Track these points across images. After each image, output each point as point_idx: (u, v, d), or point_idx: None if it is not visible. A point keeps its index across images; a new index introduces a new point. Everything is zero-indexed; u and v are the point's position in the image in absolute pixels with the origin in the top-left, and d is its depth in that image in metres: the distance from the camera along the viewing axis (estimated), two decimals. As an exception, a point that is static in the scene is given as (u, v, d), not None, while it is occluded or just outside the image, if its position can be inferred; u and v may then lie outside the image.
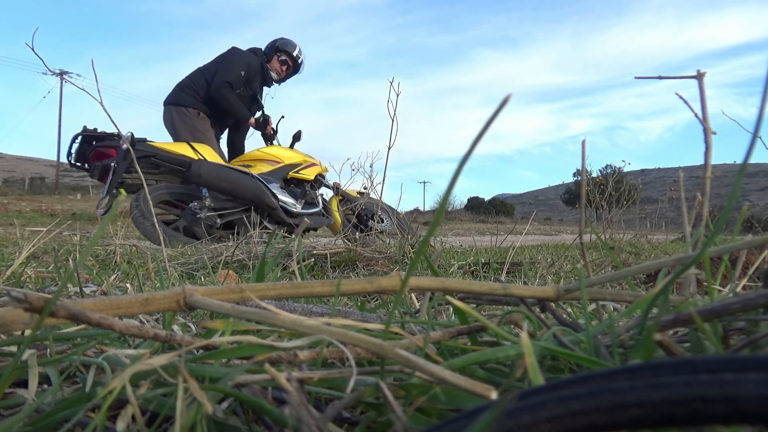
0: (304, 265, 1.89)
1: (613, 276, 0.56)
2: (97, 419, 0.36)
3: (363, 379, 0.42)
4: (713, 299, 0.53)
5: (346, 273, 2.26)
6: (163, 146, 4.26)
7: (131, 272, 1.84)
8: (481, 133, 0.32)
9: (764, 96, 0.37)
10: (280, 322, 0.42)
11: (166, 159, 4.24)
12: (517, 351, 0.44)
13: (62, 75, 29.39)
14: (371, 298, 1.39)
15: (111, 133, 4.29)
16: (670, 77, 0.83)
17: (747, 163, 0.40)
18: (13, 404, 0.46)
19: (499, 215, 37.09)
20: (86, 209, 13.28)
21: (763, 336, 0.44)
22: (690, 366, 0.27)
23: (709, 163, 0.75)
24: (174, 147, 4.29)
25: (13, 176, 53.75)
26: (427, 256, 0.58)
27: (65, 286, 0.96)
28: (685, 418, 0.25)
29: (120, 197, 0.42)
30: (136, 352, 0.53)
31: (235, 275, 1.62)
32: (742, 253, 0.80)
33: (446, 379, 0.34)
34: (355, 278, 0.52)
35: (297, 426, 0.34)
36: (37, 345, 0.57)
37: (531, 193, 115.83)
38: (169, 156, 4.24)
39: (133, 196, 4.11)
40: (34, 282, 1.39)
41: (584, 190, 0.85)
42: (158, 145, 4.25)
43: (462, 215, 30.04)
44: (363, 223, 5.15)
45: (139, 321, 0.71)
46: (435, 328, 0.56)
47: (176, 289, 0.46)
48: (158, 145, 4.24)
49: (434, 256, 0.88)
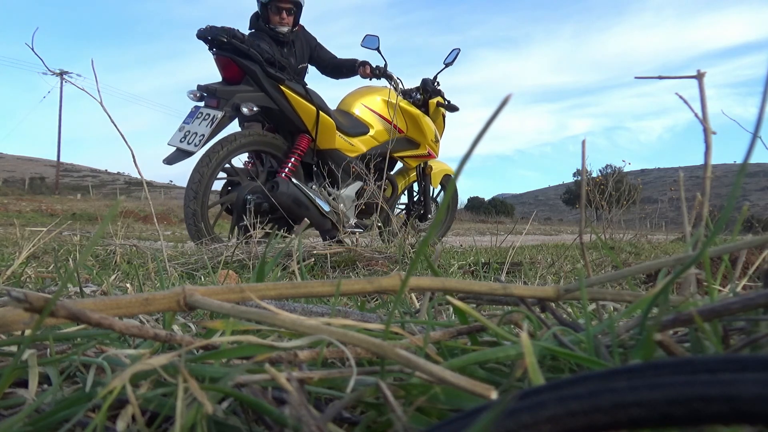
0: (304, 265, 1.89)
1: (613, 276, 0.56)
2: (97, 419, 0.36)
3: (363, 379, 0.42)
4: (713, 299, 0.53)
5: (346, 273, 2.26)
6: (293, 101, 3.58)
7: (131, 272, 1.84)
8: (482, 133, 0.32)
9: (764, 96, 0.37)
10: (280, 322, 0.42)
11: (284, 116, 3.63)
12: (517, 351, 0.44)
13: (62, 75, 29.43)
14: (371, 298, 1.39)
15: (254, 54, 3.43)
16: (670, 77, 0.83)
17: (747, 163, 0.40)
18: (13, 404, 0.46)
19: (499, 215, 37.10)
20: (86, 209, 13.29)
21: (763, 336, 0.44)
22: (690, 366, 0.27)
23: (709, 163, 0.75)
24: (301, 109, 3.62)
25: (13, 176, 53.78)
26: (427, 256, 0.58)
27: (65, 286, 0.96)
28: (685, 418, 0.25)
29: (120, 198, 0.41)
30: (136, 352, 0.53)
31: (235, 275, 1.62)
32: (742, 253, 0.80)
33: (446, 379, 0.34)
34: (355, 278, 0.52)
35: (297, 426, 0.34)
36: (37, 345, 0.57)
37: (531, 193, 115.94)
38: (287, 117, 3.62)
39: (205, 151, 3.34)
40: (34, 282, 1.39)
41: (584, 190, 0.85)
42: (291, 97, 3.57)
43: (462, 215, 30.07)
44: (419, 212, 4.66)
45: (139, 321, 0.71)
46: (435, 328, 0.56)
47: (176, 289, 0.46)
48: (290, 98, 3.57)
49: (434, 256, 0.88)
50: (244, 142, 3.47)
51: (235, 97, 3.37)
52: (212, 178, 3.38)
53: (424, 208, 4.70)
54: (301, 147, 3.72)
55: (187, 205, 3.34)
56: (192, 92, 3.50)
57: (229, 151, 3.40)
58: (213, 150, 3.35)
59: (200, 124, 3.34)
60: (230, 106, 3.35)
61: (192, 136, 3.32)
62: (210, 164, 3.33)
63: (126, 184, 59.50)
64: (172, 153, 3.35)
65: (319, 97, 3.79)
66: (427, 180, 4.67)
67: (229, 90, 3.40)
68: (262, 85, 3.47)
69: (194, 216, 3.32)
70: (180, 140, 3.34)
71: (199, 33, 3.46)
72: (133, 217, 8.85)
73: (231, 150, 3.40)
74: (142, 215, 10.39)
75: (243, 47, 3.41)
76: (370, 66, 4.38)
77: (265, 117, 3.75)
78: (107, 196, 36.73)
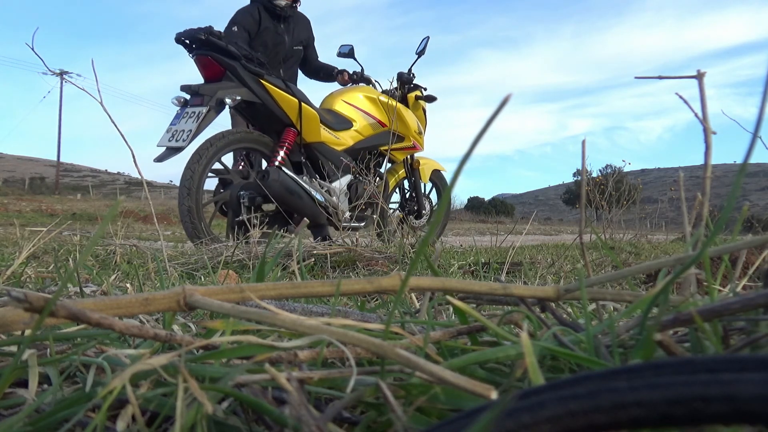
0: (304, 265, 1.89)
1: (613, 276, 0.56)
2: (97, 419, 0.36)
3: (363, 379, 0.42)
4: (713, 299, 0.53)
5: (346, 273, 2.26)
6: (275, 94, 3.61)
7: (131, 272, 1.84)
8: (482, 133, 0.32)
9: (764, 96, 0.37)
10: (280, 322, 0.42)
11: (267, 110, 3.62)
12: (517, 351, 0.44)
13: (62, 75, 29.43)
14: (371, 298, 1.39)
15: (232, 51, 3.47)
16: (670, 77, 0.83)
17: (747, 163, 0.40)
18: (13, 404, 0.46)
19: (499, 215, 37.09)
20: (86, 209, 13.29)
21: (763, 336, 0.44)
22: (690, 366, 0.27)
23: (709, 163, 0.75)
24: (284, 101, 3.65)
25: (13, 176, 53.80)
26: (427, 256, 0.58)
27: (65, 286, 0.96)
28: (685, 418, 0.25)
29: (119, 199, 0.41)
30: (136, 352, 0.53)
31: (235, 275, 1.62)
32: (742, 253, 0.80)
33: (446, 379, 0.34)
34: (355, 278, 0.52)
35: (297, 426, 0.34)
36: (37, 345, 0.57)
37: (531, 193, 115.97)
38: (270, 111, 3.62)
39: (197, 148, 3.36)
40: (34, 282, 1.39)
41: (584, 190, 0.85)
42: (272, 90, 3.59)
43: (462, 215, 30.06)
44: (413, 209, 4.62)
45: (139, 321, 0.71)
46: (435, 328, 0.56)
47: (176, 289, 0.46)
48: (271, 91, 3.59)
49: (434, 256, 0.88)
50: (232, 139, 3.49)
51: (218, 93, 3.39)
52: (204, 174, 3.39)
53: (417, 205, 4.69)
54: (288, 140, 3.73)
55: (182, 203, 3.34)
56: (177, 98, 3.55)
57: (219, 148, 3.41)
58: (202, 148, 3.37)
59: (186, 121, 3.37)
60: (214, 101, 3.37)
61: (179, 133, 3.35)
62: (201, 161, 3.35)
63: (126, 184, 59.51)
64: (163, 152, 3.38)
65: (299, 90, 3.81)
66: (416, 176, 4.68)
67: (211, 87, 3.43)
68: (243, 80, 3.50)
69: (189, 213, 3.33)
70: (168, 140, 3.37)
71: (177, 37, 3.49)
72: (133, 217, 8.85)
73: (220, 147, 3.42)
74: (142, 215, 10.39)
75: (221, 44, 3.44)
76: (348, 73, 4.46)
77: (250, 114, 3.75)
78: (107, 196, 36.71)
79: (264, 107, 3.62)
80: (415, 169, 4.66)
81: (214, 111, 3.39)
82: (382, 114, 4.27)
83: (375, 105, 4.27)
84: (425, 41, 4.48)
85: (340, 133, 4.06)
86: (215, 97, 3.36)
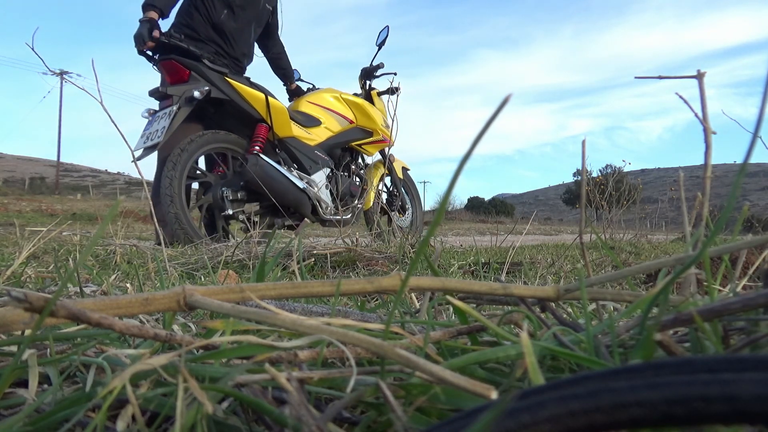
0: (304, 265, 1.89)
1: (613, 276, 0.56)
2: (97, 419, 0.36)
3: (363, 379, 0.42)
4: (713, 299, 0.53)
5: (346, 273, 2.26)
6: (241, 90, 3.64)
7: (131, 272, 1.84)
8: (482, 133, 0.32)
9: (764, 96, 0.37)
10: (280, 322, 0.42)
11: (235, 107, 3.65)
12: (517, 351, 0.44)
13: (62, 75, 29.42)
14: (371, 298, 1.39)
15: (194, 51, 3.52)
16: (670, 77, 0.83)
17: (747, 163, 0.40)
18: (13, 404, 0.46)
19: (500, 215, 37.10)
20: (86, 209, 13.29)
21: (763, 336, 0.44)
22: (690, 366, 0.27)
23: (709, 163, 0.75)
24: (250, 96, 3.67)
25: (13, 176, 53.77)
26: (427, 256, 0.58)
27: (65, 286, 0.96)
28: (685, 418, 0.25)
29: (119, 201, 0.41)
30: (136, 352, 0.53)
31: (235, 275, 1.62)
32: (742, 253, 0.80)
33: (446, 378, 0.34)
34: (355, 278, 0.52)
35: (297, 426, 0.34)
36: (37, 345, 0.57)
37: (531, 193, 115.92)
38: (239, 107, 3.64)
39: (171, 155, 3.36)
40: (34, 282, 1.39)
41: (584, 190, 0.85)
42: (237, 87, 3.63)
43: (462, 215, 30.05)
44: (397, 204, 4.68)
45: (139, 321, 0.71)
46: (435, 328, 0.56)
47: (176, 289, 0.46)
48: (237, 87, 3.62)
49: (434, 256, 0.88)
50: (201, 141, 3.51)
51: (186, 91, 3.44)
52: (182, 180, 3.41)
53: (401, 200, 4.80)
54: (261, 135, 3.76)
55: (168, 211, 3.33)
56: (147, 110, 3.63)
57: (191, 153, 3.44)
58: (174, 155, 3.39)
59: (159, 122, 3.43)
60: (183, 99, 3.42)
61: (153, 133, 3.41)
62: (176, 167, 3.37)
63: (126, 184, 59.47)
64: (140, 152, 3.43)
65: (263, 87, 3.85)
66: (394, 173, 4.78)
67: (179, 87, 3.48)
68: (208, 78, 3.55)
69: (177, 219, 3.34)
70: (144, 143, 3.44)
71: (138, 50, 3.56)
72: (133, 217, 8.85)
73: (192, 151, 3.45)
74: (142, 215, 10.38)
75: (183, 46, 3.51)
76: (300, 88, 4.56)
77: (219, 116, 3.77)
78: (107, 196, 36.70)
79: (232, 104, 3.66)
80: (394, 168, 4.76)
81: (185, 107, 3.43)
82: (348, 111, 4.37)
83: (340, 103, 4.36)
84: (385, 32, 4.53)
85: (311, 129, 4.13)
86: (184, 96, 3.42)
